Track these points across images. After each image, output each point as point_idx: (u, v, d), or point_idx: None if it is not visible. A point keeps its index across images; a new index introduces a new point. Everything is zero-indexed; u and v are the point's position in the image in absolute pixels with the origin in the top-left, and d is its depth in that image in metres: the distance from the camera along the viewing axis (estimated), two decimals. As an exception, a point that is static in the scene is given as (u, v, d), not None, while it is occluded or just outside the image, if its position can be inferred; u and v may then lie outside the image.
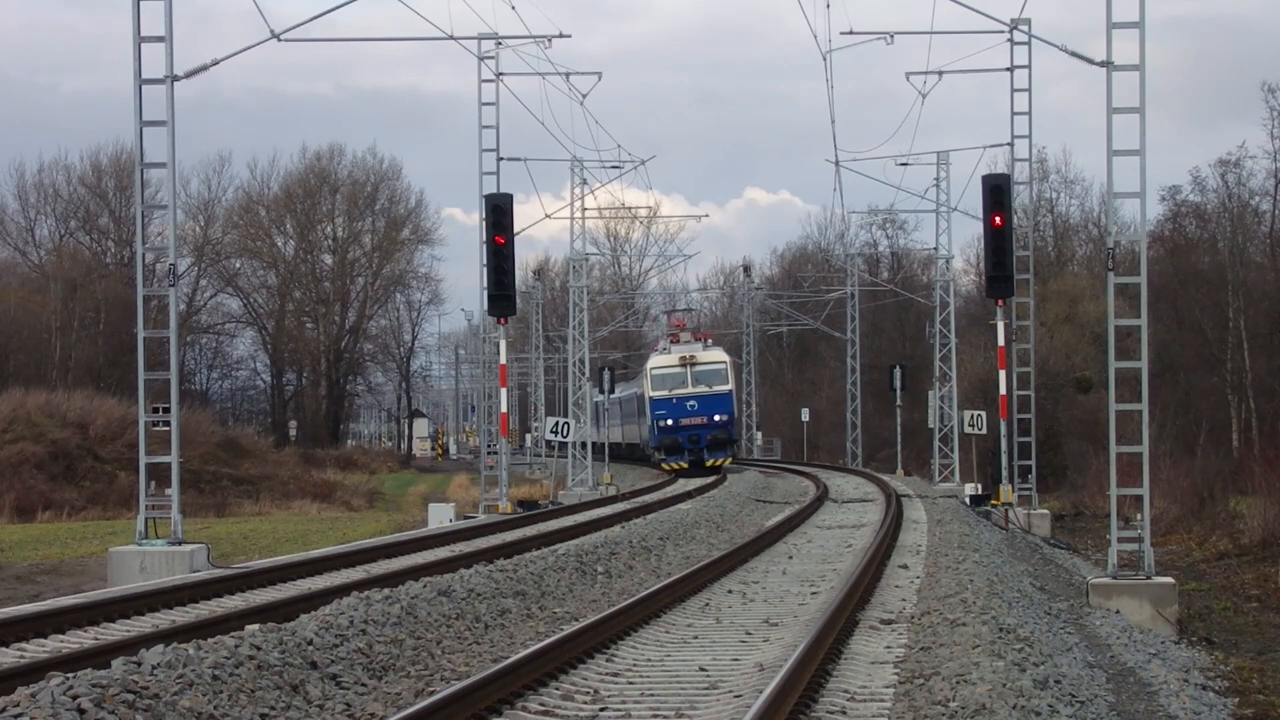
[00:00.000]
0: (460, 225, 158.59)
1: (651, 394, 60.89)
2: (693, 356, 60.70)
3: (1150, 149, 22.09)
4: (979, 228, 39.99)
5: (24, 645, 14.88)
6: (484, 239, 33.36)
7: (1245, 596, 27.69)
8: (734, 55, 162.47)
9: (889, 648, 14.75)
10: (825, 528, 31.81)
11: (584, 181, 53.26)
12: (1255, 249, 68.47)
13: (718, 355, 62.10)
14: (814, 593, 19.63)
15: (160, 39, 24.20)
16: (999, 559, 24.14)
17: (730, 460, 60.94)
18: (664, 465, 59.78)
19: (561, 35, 35.55)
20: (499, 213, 32.77)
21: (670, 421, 59.70)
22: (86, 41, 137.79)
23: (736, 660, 14.19)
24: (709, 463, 58.98)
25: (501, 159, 37.29)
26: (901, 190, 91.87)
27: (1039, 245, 68.72)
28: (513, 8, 33.78)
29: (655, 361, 62.56)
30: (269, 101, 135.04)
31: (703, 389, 60.15)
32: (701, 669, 13.72)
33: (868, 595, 18.84)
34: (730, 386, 61.32)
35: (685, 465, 59.02)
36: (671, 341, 63.58)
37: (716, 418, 59.55)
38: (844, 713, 11.81)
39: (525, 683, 12.34)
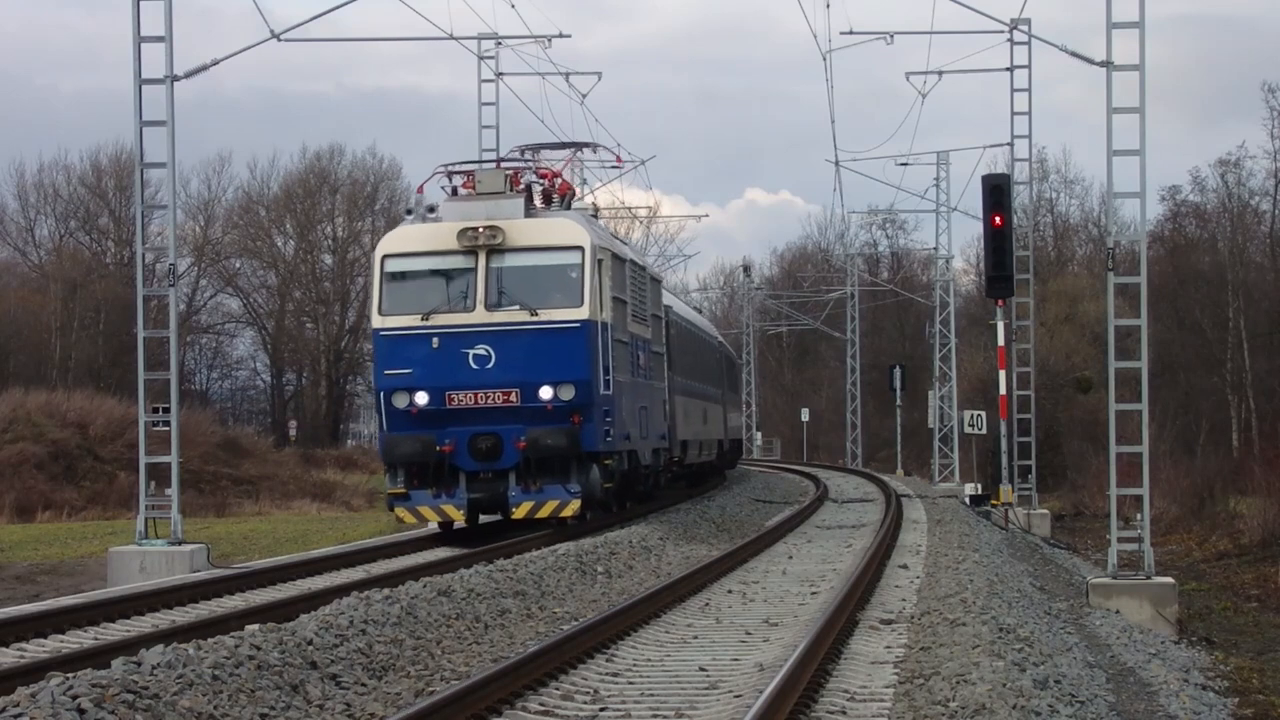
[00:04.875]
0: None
1: (377, 325, 25.31)
2: (493, 229, 24.89)
3: (1150, 149, 22.11)
4: (979, 228, 40.06)
5: (24, 645, 14.88)
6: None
7: (1245, 596, 27.71)
8: (734, 55, 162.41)
9: (889, 648, 14.75)
10: (825, 528, 31.80)
11: (584, 181, 53.13)
12: (1255, 249, 68.49)
13: (563, 228, 25.55)
14: (814, 593, 19.63)
15: (160, 39, 24.20)
16: (999, 559, 24.15)
17: (581, 505, 25.17)
18: (398, 511, 25.19)
19: (561, 35, 35.30)
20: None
21: (416, 400, 24.75)
22: (86, 41, 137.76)
23: (736, 660, 14.19)
24: (519, 511, 24.83)
25: (501, 159, 37.23)
26: (901, 190, 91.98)
27: (1039, 245, 68.71)
28: (513, 7, 33.67)
29: (396, 242, 25.61)
30: (269, 101, 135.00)
31: (513, 317, 24.86)
32: (701, 669, 13.71)
33: (868, 595, 18.84)
34: (588, 313, 25.03)
35: (456, 515, 24.96)
36: (451, 194, 26.40)
37: (547, 391, 24.70)
38: (844, 713, 11.81)
39: (525, 683, 12.34)
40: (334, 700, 11.90)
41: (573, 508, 24.89)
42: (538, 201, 26.56)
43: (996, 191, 30.19)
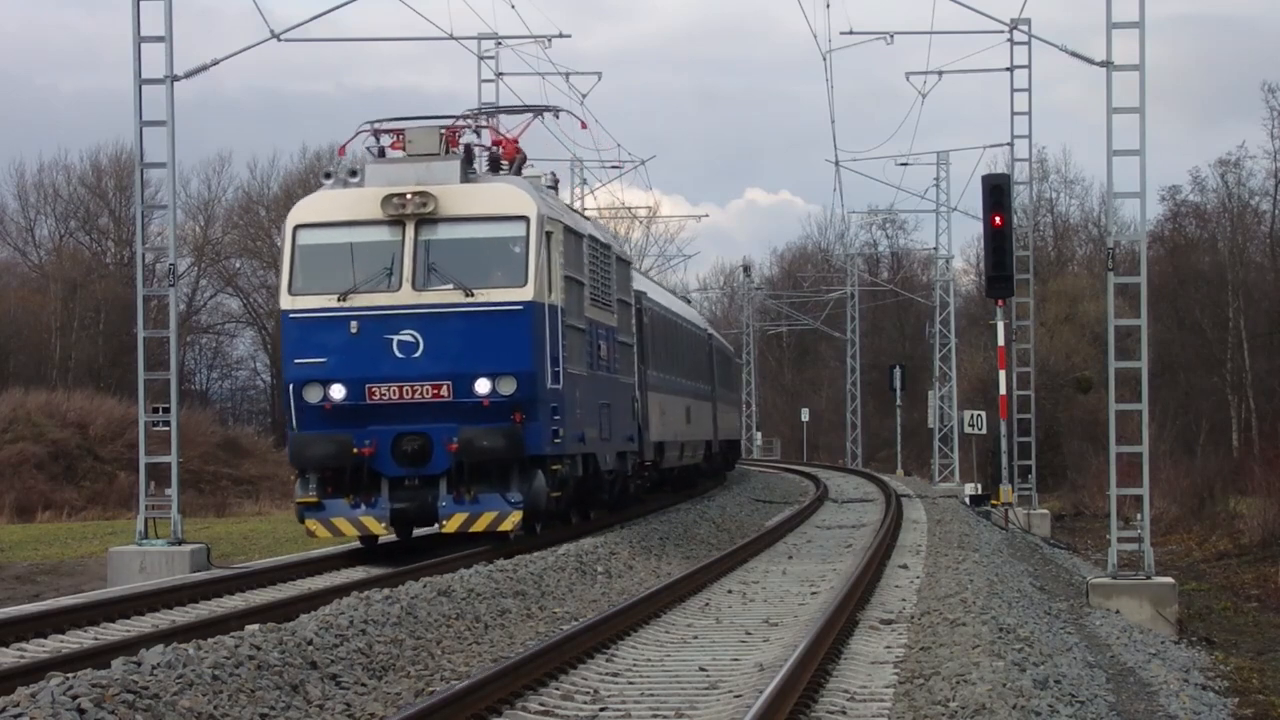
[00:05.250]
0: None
1: (286, 306, 22.30)
2: (423, 195, 21.74)
3: (1150, 149, 22.11)
4: (979, 228, 40.05)
5: (24, 645, 14.88)
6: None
7: (1245, 596, 27.71)
8: (734, 55, 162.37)
9: (889, 648, 14.75)
10: (825, 528, 31.81)
11: (584, 181, 53.20)
12: (1255, 249, 68.51)
13: (505, 195, 22.28)
14: (814, 592, 19.63)
15: (160, 39, 24.20)
16: (999, 559, 24.15)
17: (523, 517, 21.83)
18: (309, 524, 21.82)
19: (561, 35, 35.34)
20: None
21: (331, 394, 21.63)
22: (86, 41, 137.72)
23: (736, 660, 14.19)
24: (450, 524, 21.55)
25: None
26: (901, 190, 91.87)
27: (1039, 245, 68.72)
28: (513, 7, 33.70)
29: (311, 210, 22.49)
30: (269, 101, 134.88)
31: (445, 298, 21.71)
32: (701, 669, 13.72)
33: (868, 595, 18.84)
34: (533, 293, 21.81)
35: (376, 528, 21.81)
36: (378, 154, 23.14)
37: (484, 384, 21.55)
38: (844, 713, 11.81)
39: (525, 683, 12.34)
40: (334, 700, 11.90)
41: (513, 520, 21.56)
42: (482, 168, 23.15)
43: (996, 191, 30.20)
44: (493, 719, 11.45)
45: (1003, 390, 35.12)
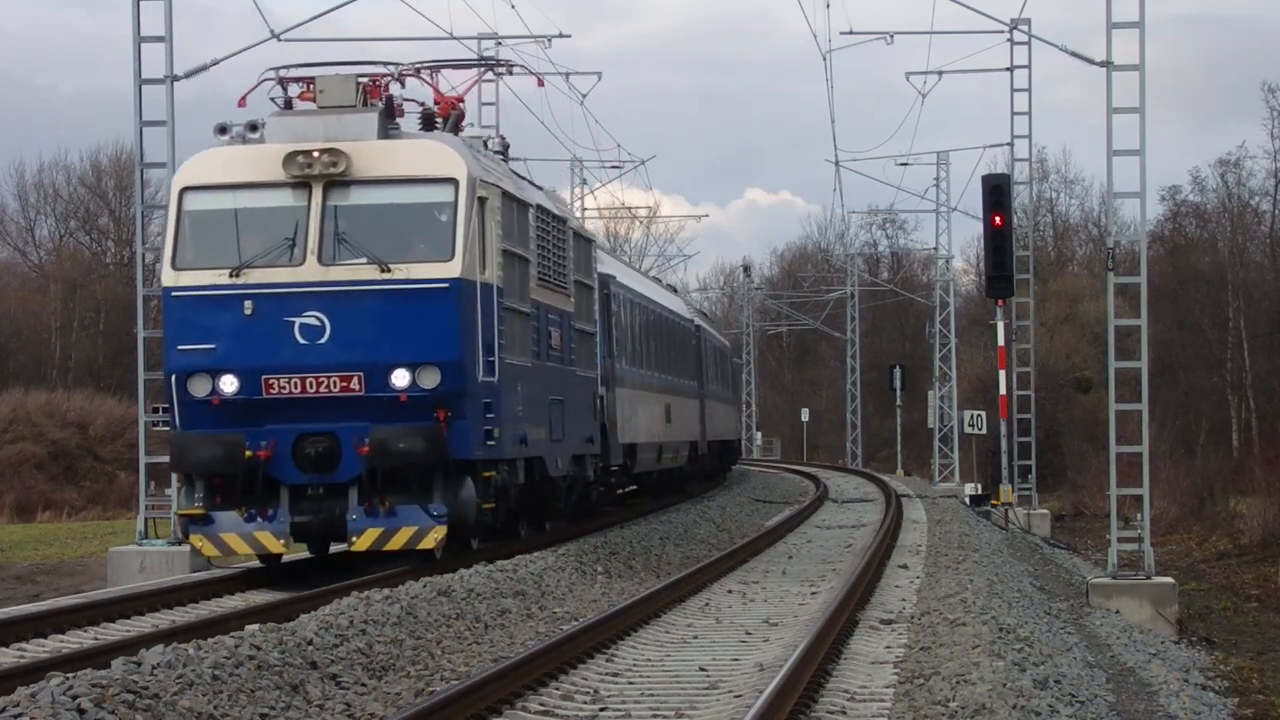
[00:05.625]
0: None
1: (168, 283, 19.08)
2: (334, 153, 18.73)
3: (1150, 149, 22.12)
4: (979, 228, 40.06)
5: (24, 645, 14.88)
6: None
7: (1245, 596, 27.72)
8: (734, 55, 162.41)
9: (889, 648, 14.76)
10: (825, 528, 31.81)
11: (584, 181, 53.22)
12: (1255, 249, 68.52)
13: (431, 154, 19.29)
14: (814, 593, 19.63)
15: (160, 39, 24.20)
16: (999, 559, 24.15)
17: (447, 531, 18.79)
18: (194, 540, 18.81)
19: (561, 35, 35.32)
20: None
21: (221, 386, 18.66)
22: (86, 41, 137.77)
23: (736, 660, 14.19)
24: (361, 541, 18.52)
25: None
26: (901, 190, 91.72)
27: (1039, 245, 68.73)
28: (512, 7, 33.73)
29: (200, 170, 19.33)
30: (269, 101, 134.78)
31: (357, 274, 18.70)
32: (701, 669, 13.72)
33: (867, 595, 18.85)
34: (461, 269, 18.84)
35: (274, 545, 18.66)
36: (283, 106, 19.90)
37: (401, 376, 18.56)
38: (844, 713, 11.82)
39: (525, 683, 12.34)
40: (334, 700, 11.90)
41: (435, 537, 18.54)
42: (414, 128, 20.31)
43: (996, 191, 30.20)
44: (493, 719, 11.45)
45: (1003, 390, 35.13)
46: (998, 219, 29.91)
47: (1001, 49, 37.09)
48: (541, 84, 28.47)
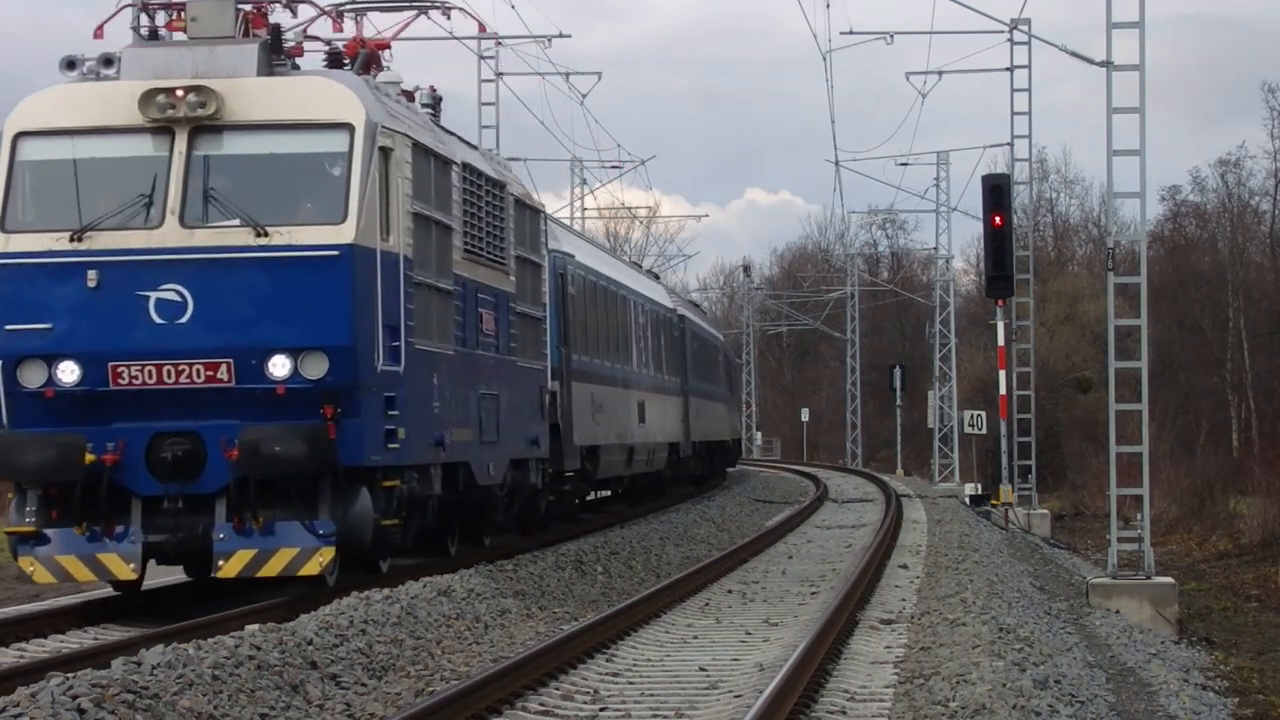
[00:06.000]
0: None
1: None
2: (202, 92, 15.59)
3: (1150, 149, 22.10)
4: (979, 228, 40.07)
5: (24, 645, 14.88)
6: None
7: (1245, 596, 27.69)
8: (734, 55, 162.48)
9: (889, 648, 14.76)
10: (825, 528, 31.82)
11: (584, 181, 53.21)
12: (1255, 249, 68.51)
13: (320, 94, 16.14)
14: (814, 593, 19.64)
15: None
16: (999, 559, 24.15)
17: (336, 554, 15.77)
18: (23, 563, 15.71)
19: (561, 35, 35.32)
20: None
21: (58, 375, 15.51)
22: (87, 42, 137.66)
23: (736, 660, 14.20)
24: (229, 566, 15.48)
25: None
26: (901, 190, 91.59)
27: (1039, 245, 68.73)
28: (512, 7, 33.76)
29: (39, 112, 16.08)
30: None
31: (227, 239, 15.64)
32: (701, 669, 13.72)
33: (867, 595, 18.85)
34: (355, 234, 15.70)
35: (122, 570, 15.55)
36: (146, 37, 16.61)
37: (280, 364, 15.54)
38: (844, 713, 11.82)
39: (525, 683, 12.35)
40: (334, 700, 11.90)
41: (320, 560, 15.49)
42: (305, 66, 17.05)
43: (996, 191, 30.20)
44: (493, 719, 11.45)
45: (1003, 390, 35.13)
46: (998, 219, 29.92)
47: (1001, 49, 37.20)
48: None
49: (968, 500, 40.28)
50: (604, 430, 28.07)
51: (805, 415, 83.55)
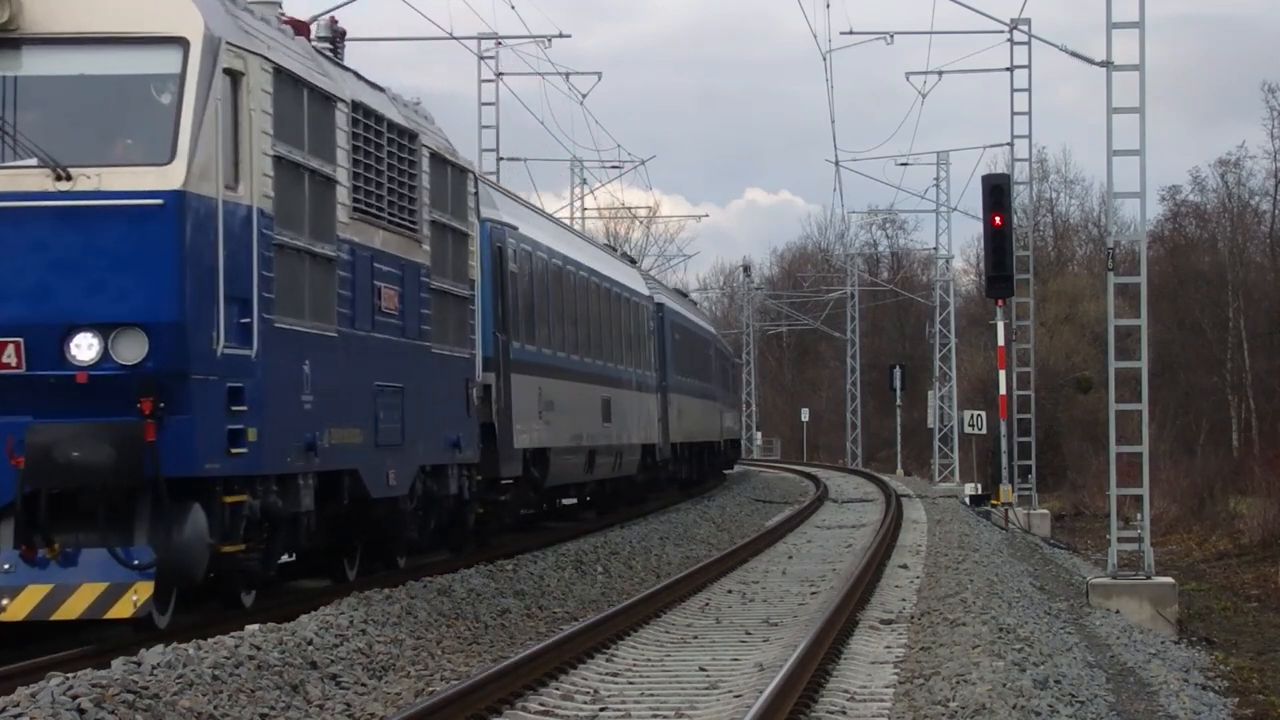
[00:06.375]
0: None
1: None
2: None
3: (1150, 149, 22.09)
4: (979, 228, 40.12)
5: (24, 645, 14.86)
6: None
7: (1245, 596, 27.69)
8: (734, 55, 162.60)
9: (889, 648, 14.76)
10: (825, 528, 31.82)
11: (584, 181, 53.20)
12: (1255, 249, 68.53)
13: (150, 2, 12.52)
14: (814, 592, 19.64)
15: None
16: (999, 559, 24.15)
17: (170, 582, 12.87)
18: None
19: (561, 35, 35.31)
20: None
21: None
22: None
23: (736, 660, 14.19)
24: (16, 607, 12.27)
25: (501, 159, 37.31)
26: (901, 190, 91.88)
27: (1039, 245, 68.74)
28: (512, 7, 33.81)
29: None
30: None
31: (19, 183, 12.18)
32: (701, 669, 13.72)
33: (867, 595, 18.85)
34: (184, 177, 12.23)
35: None
36: None
37: (86, 344, 12.20)
38: (844, 713, 11.82)
39: (525, 683, 12.34)
40: (334, 700, 11.89)
41: (135, 599, 12.48)
42: None
43: (996, 191, 30.21)
44: (493, 719, 11.45)
45: (1003, 390, 35.12)
46: (998, 219, 29.92)
47: (1001, 49, 37.22)
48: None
49: (968, 500, 40.29)
50: (555, 431, 24.58)
51: (805, 415, 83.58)
